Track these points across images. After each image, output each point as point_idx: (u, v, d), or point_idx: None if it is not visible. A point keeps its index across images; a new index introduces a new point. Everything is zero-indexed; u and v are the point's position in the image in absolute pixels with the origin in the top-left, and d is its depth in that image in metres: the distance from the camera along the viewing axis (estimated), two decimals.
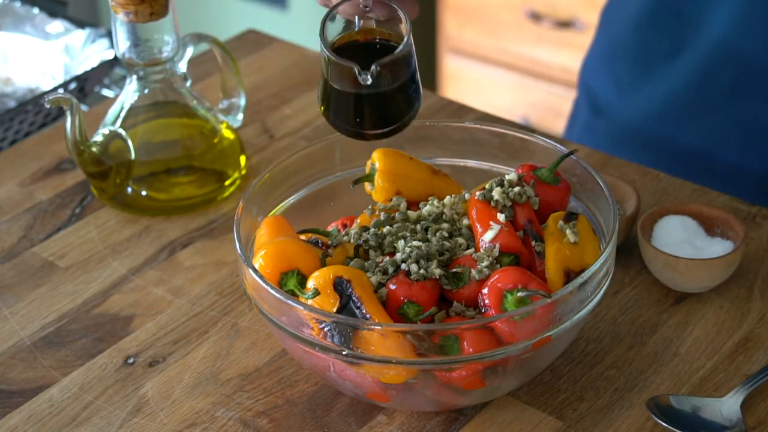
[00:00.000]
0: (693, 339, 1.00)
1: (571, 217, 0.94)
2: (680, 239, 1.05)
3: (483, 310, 0.88)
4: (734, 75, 1.21)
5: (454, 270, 0.90)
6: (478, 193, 0.95)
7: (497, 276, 0.88)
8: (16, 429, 0.94)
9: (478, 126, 1.05)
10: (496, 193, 0.94)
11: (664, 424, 0.90)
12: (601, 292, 0.90)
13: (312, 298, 0.87)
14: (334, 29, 0.96)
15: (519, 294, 0.86)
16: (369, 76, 0.91)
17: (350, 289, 0.87)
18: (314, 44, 1.10)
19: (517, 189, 0.94)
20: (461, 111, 1.31)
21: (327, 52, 0.93)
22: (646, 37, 1.27)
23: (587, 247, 0.93)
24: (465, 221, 0.95)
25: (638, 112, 1.31)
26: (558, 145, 1.00)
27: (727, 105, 1.23)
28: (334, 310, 0.87)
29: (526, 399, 0.95)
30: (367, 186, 1.00)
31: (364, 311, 0.86)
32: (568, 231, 0.92)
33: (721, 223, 1.06)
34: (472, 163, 1.05)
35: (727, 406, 0.92)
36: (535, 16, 2.44)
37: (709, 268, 1.02)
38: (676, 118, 1.27)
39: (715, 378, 0.96)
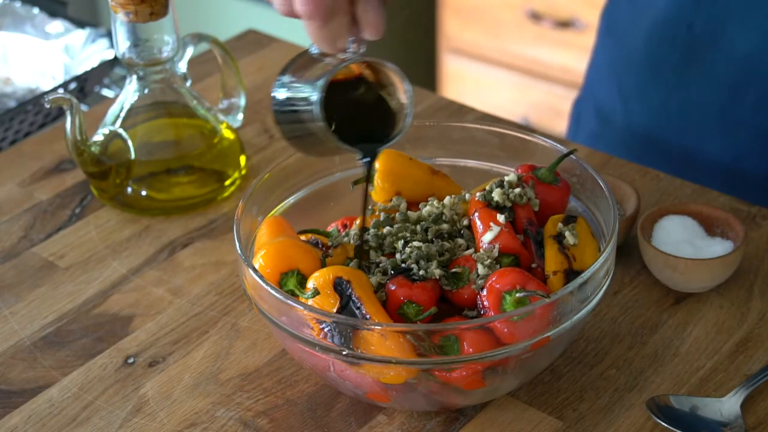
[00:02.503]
0: (693, 339, 1.00)
1: (570, 220, 0.94)
2: (680, 239, 1.05)
3: (482, 311, 0.88)
4: (762, 91, 1.21)
5: (453, 270, 0.90)
6: (478, 194, 0.95)
7: (496, 277, 0.88)
8: (16, 429, 0.94)
9: (478, 126, 1.04)
10: (496, 194, 0.94)
11: (664, 424, 0.90)
12: (601, 292, 0.90)
13: (312, 298, 0.87)
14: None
15: (518, 294, 0.86)
16: (367, 161, 0.91)
17: (350, 290, 0.87)
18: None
19: (517, 190, 0.94)
20: (461, 111, 1.31)
21: (335, 140, 0.88)
22: (657, 48, 1.27)
23: (586, 249, 0.93)
24: (465, 222, 0.95)
25: (650, 121, 1.31)
26: (558, 145, 1.00)
27: (754, 119, 1.23)
28: (334, 310, 0.87)
29: (526, 399, 0.95)
30: None
31: (364, 311, 0.86)
32: (567, 233, 0.92)
33: (721, 223, 1.06)
34: (472, 163, 1.05)
35: (727, 406, 0.92)
36: (535, 16, 2.44)
37: (709, 268, 1.02)
38: (699, 130, 1.27)
39: (715, 378, 0.96)
